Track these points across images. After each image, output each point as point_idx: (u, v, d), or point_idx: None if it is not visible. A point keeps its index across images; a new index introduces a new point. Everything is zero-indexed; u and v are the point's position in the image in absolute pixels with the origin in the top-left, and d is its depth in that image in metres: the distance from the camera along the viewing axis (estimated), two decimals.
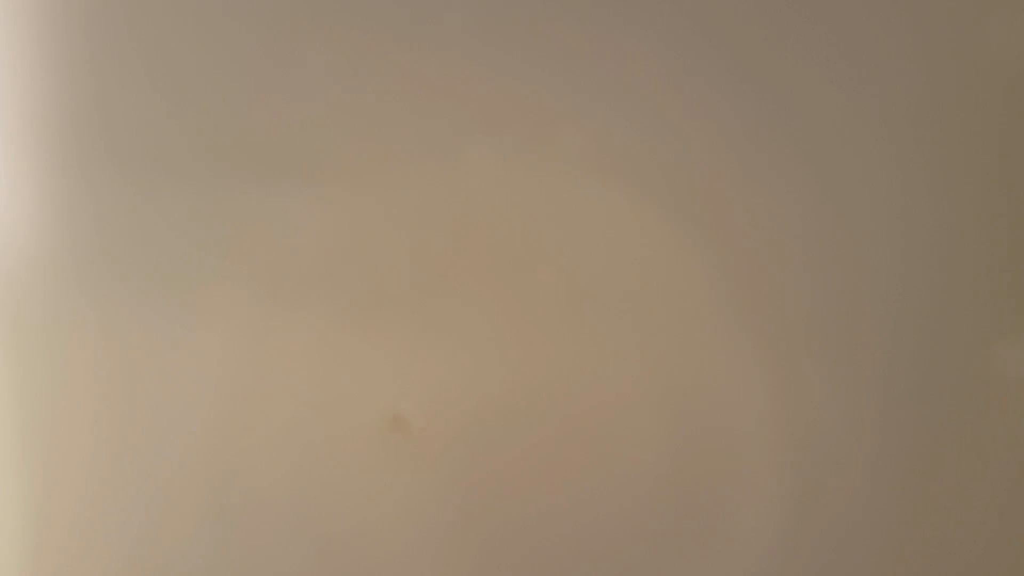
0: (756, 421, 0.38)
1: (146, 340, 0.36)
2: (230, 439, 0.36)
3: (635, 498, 0.37)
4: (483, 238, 0.37)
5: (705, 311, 0.37)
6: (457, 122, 0.36)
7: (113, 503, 0.37)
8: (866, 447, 0.38)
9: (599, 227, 0.37)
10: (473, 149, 0.36)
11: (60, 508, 0.37)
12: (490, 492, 0.37)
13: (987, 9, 0.37)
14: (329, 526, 0.37)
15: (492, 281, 0.37)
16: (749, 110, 0.37)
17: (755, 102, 0.37)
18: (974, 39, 0.38)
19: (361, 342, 0.36)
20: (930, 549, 0.39)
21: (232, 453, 0.36)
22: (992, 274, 0.39)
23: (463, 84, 0.36)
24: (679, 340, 0.37)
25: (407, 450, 0.36)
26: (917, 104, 0.37)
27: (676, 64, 0.36)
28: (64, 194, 0.35)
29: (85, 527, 0.37)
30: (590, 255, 0.37)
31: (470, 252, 0.37)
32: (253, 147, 0.36)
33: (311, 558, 0.37)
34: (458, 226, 0.37)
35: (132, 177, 0.35)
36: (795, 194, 0.37)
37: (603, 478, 0.37)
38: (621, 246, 0.37)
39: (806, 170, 0.37)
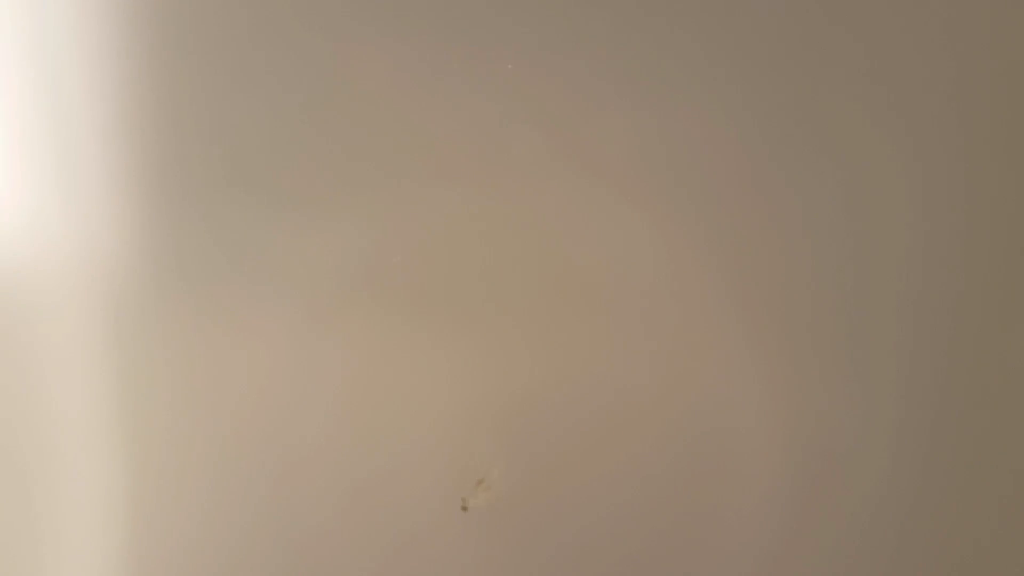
0: (761, 419, 0.39)
1: (227, 334, 0.39)
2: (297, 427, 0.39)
3: (649, 494, 0.39)
4: (516, 252, 0.39)
5: (717, 318, 0.39)
6: (495, 143, 0.38)
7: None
8: (869, 449, 0.39)
9: (621, 240, 0.39)
10: (510, 168, 0.38)
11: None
12: (522, 481, 0.39)
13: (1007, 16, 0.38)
14: (378, 512, 0.39)
15: (521, 292, 0.39)
16: (766, 120, 0.38)
17: (771, 111, 0.38)
18: (987, 40, 0.38)
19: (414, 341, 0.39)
20: (937, 551, 0.40)
21: (294, 437, 0.39)
22: (1002, 278, 0.40)
23: (502, 107, 0.38)
24: (705, 350, 0.39)
25: (446, 452, 0.38)
26: (931, 107, 0.39)
27: (699, 77, 0.38)
28: (162, 212, 0.38)
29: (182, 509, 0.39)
30: (612, 265, 0.39)
31: (502, 263, 0.39)
32: (318, 172, 0.38)
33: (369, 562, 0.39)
34: (496, 238, 0.39)
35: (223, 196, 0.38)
36: (809, 208, 0.39)
37: (623, 475, 0.39)
38: (643, 258, 0.39)
39: (821, 181, 0.39)
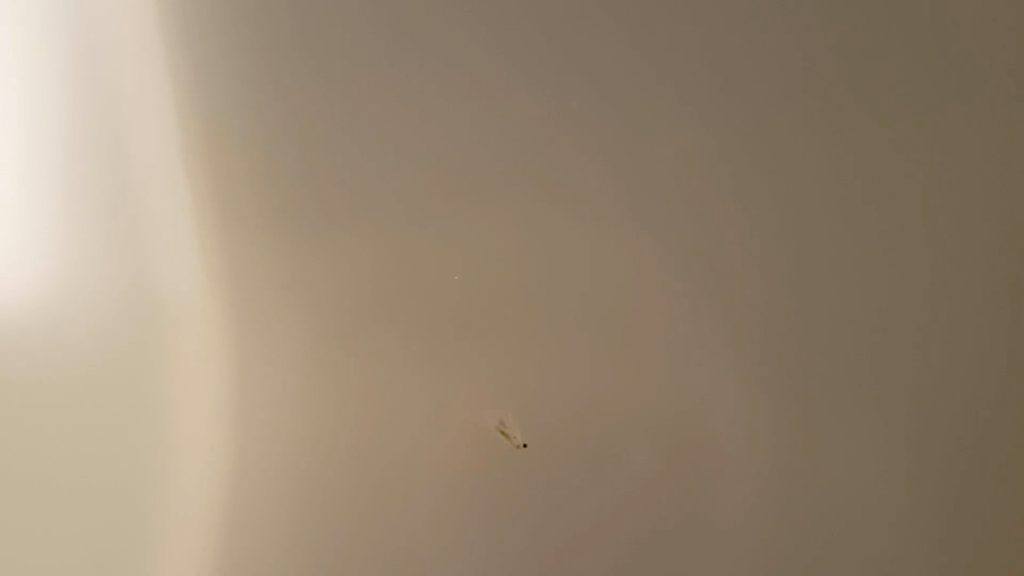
0: (741, 428, 0.41)
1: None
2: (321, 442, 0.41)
3: (635, 499, 0.41)
4: (520, 276, 0.41)
5: (697, 333, 0.41)
6: (493, 175, 0.41)
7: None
8: (850, 459, 0.40)
9: (612, 268, 0.41)
10: (509, 199, 0.41)
11: None
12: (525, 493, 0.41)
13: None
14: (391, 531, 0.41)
15: (524, 315, 0.41)
16: (745, 137, 0.40)
17: (749, 129, 0.40)
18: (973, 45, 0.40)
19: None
20: (924, 563, 0.41)
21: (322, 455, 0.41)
22: (991, 297, 0.40)
23: (500, 143, 0.40)
24: (687, 363, 0.41)
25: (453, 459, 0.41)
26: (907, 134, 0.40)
27: (678, 99, 0.40)
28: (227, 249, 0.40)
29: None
30: (600, 290, 0.41)
31: (506, 285, 0.41)
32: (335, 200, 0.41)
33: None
34: (499, 263, 0.41)
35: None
36: (789, 221, 0.40)
37: (612, 479, 0.41)
38: (631, 286, 0.41)
39: (799, 193, 0.40)
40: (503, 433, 0.40)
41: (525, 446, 0.40)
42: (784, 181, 0.40)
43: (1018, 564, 0.41)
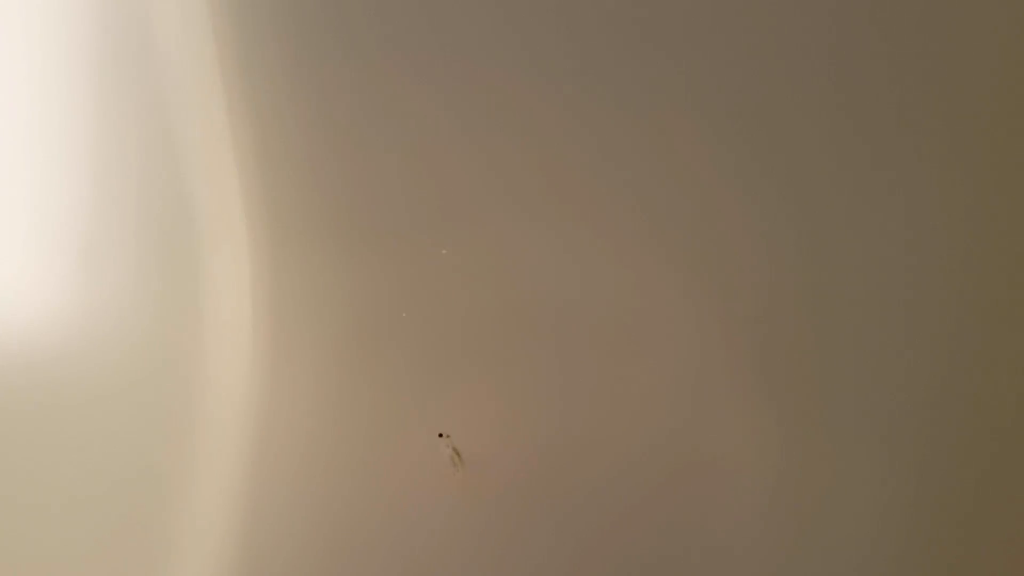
0: (741, 443, 0.40)
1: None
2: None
3: (631, 516, 0.41)
4: (523, 298, 0.42)
5: (700, 352, 0.41)
6: (508, 196, 0.42)
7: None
8: (852, 481, 0.40)
9: (622, 287, 0.41)
10: (517, 218, 0.42)
11: None
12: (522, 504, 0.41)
13: None
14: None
15: (534, 335, 0.42)
16: (747, 157, 0.40)
17: (756, 149, 0.40)
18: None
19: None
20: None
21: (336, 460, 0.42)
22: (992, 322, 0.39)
23: (514, 164, 0.41)
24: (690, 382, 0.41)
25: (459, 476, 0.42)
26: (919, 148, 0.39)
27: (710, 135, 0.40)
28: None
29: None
30: (608, 309, 0.41)
31: (515, 308, 0.42)
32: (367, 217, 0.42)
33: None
34: (504, 286, 0.42)
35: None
36: (794, 239, 0.40)
37: (609, 495, 0.41)
38: (638, 304, 0.41)
39: (801, 210, 0.40)
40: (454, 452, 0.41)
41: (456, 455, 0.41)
42: (795, 197, 0.40)
43: None
